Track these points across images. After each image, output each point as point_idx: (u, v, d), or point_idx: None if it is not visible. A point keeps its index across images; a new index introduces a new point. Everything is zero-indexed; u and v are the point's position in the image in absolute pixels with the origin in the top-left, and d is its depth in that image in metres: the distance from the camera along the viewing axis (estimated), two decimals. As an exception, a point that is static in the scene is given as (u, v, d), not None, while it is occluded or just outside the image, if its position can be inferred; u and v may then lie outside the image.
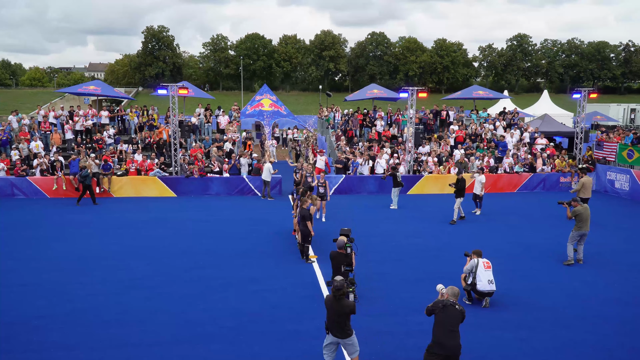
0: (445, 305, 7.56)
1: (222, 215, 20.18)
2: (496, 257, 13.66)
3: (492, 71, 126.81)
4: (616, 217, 20.59)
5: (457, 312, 7.53)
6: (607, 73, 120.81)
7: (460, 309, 7.58)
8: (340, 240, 10.88)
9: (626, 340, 9.61)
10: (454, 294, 7.83)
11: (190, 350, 9.06)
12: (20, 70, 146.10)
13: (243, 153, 25.31)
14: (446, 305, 7.55)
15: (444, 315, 7.50)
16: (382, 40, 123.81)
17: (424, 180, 25.10)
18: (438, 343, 7.44)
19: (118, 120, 29.75)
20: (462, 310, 7.59)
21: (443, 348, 7.39)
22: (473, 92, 35.49)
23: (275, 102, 29.99)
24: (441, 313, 7.53)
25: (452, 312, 7.50)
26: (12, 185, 23.23)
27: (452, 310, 7.51)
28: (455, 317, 7.50)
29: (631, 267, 14.04)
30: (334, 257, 10.84)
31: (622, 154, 25.62)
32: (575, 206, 14.32)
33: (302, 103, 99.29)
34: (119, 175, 23.91)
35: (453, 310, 7.51)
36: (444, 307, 7.54)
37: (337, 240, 10.93)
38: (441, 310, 7.54)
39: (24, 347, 9.12)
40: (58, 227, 17.92)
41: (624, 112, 58.77)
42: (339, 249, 10.83)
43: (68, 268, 13.46)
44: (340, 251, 10.80)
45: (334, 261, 10.81)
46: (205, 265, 13.79)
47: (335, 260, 10.79)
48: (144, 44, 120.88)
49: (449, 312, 7.50)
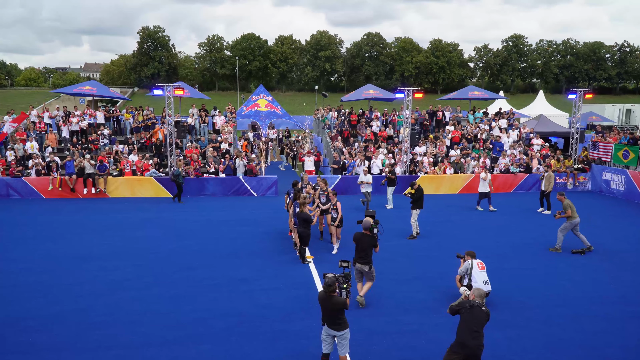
0: (472, 305, 7.58)
1: (217, 215, 20.15)
2: (487, 257, 13.67)
3: (488, 72, 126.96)
4: (611, 217, 20.63)
5: (484, 313, 7.56)
6: (603, 73, 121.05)
7: (487, 311, 7.62)
8: (366, 221, 10.79)
9: (615, 339, 9.63)
10: (480, 296, 7.85)
11: (181, 351, 9.04)
12: (15, 70, 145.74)
13: (239, 154, 25.29)
14: (473, 306, 7.57)
15: (470, 315, 7.52)
16: (378, 41, 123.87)
17: (420, 180, 25.07)
18: (460, 343, 7.45)
19: (113, 121, 29.71)
20: (487, 312, 7.64)
21: (464, 348, 7.39)
22: (469, 93, 35.56)
23: (271, 103, 29.97)
24: (467, 313, 7.54)
25: (478, 313, 7.52)
26: (7, 185, 23.17)
27: (478, 311, 7.54)
28: (480, 318, 7.52)
29: (622, 266, 14.07)
30: (359, 238, 10.76)
31: (618, 155, 25.66)
32: (564, 200, 15.06)
33: (298, 103, 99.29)
34: (114, 175, 23.88)
35: (479, 312, 7.54)
36: (471, 307, 7.57)
37: (363, 221, 10.84)
38: (468, 311, 7.56)
39: (13, 348, 9.09)
40: (51, 228, 17.87)
41: (620, 113, 58.92)
42: (365, 230, 10.74)
43: (58, 269, 13.42)
44: (366, 232, 10.71)
45: (359, 243, 10.73)
46: (197, 266, 13.76)
47: (360, 242, 10.71)
48: (139, 44, 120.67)
49: (475, 313, 7.52)
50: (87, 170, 23.22)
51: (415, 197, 16.69)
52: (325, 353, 8.05)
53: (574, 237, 15.48)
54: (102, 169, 23.47)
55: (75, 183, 23.29)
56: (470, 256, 11.13)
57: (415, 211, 16.80)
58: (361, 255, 10.76)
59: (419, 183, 17.13)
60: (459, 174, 25.79)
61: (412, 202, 16.83)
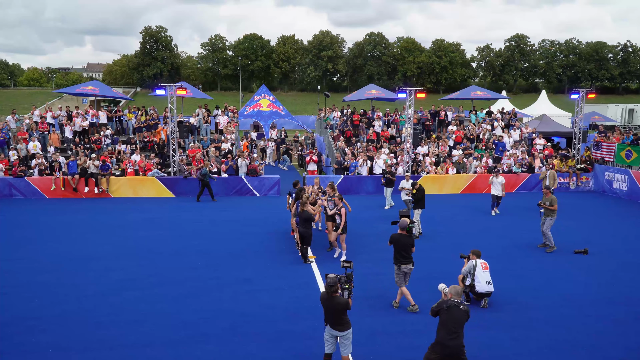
0: (449, 306, 7.52)
1: (219, 215, 20.16)
2: (490, 257, 13.66)
3: (490, 71, 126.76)
4: (614, 217, 20.61)
5: (462, 312, 7.50)
6: (605, 73, 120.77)
7: (465, 309, 7.56)
8: (403, 221, 10.62)
9: (619, 340, 9.62)
10: (457, 293, 7.76)
11: (185, 351, 9.05)
12: (18, 70, 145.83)
13: (241, 154, 25.30)
14: (450, 306, 7.51)
15: (448, 316, 7.48)
16: (380, 41, 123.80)
17: (422, 180, 25.06)
18: (440, 343, 7.42)
19: (116, 121, 29.74)
20: (466, 310, 7.58)
21: (445, 348, 7.38)
22: (471, 93, 35.55)
23: (274, 103, 30.01)
24: (445, 314, 7.50)
25: (456, 313, 7.47)
26: (10, 185, 23.21)
27: (456, 310, 7.48)
28: (459, 318, 7.47)
29: (625, 266, 14.05)
30: (398, 239, 10.56)
31: (621, 154, 25.62)
32: (549, 194, 15.18)
33: (301, 103, 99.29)
34: (117, 175, 23.91)
35: (457, 311, 7.48)
36: (449, 307, 7.51)
37: (400, 222, 10.68)
38: (445, 311, 7.51)
39: (18, 347, 9.11)
40: (54, 228, 17.90)
41: (622, 113, 58.78)
42: (402, 230, 10.57)
43: (62, 269, 13.45)
44: (403, 232, 10.56)
45: (398, 244, 10.54)
46: (200, 266, 13.78)
47: (399, 243, 10.52)
48: (142, 44, 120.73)
49: (454, 313, 7.47)
50: (89, 170, 23.26)
51: (417, 197, 16.69)
52: (327, 353, 8.05)
53: (577, 235, 15.42)
54: (104, 168, 23.50)
55: (77, 183, 23.32)
56: (475, 255, 11.13)
57: (417, 211, 16.82)
58: (403, 255, 10.56)
59: (420, 183, 17.11)
60: (462, 174, 25.77)
61: (413, 202, 16.84)
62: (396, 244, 10.60)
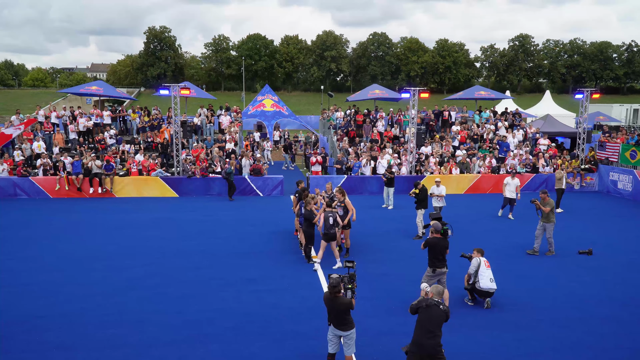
0: (429, 305, 7.44)
1: (223, 215, 20.19)
2: (495, 258, 13.66)
3: (494, 71, 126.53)
4: (618, 217, 20.54)
5: (441, 312, 7.41)
6: (610, 73, 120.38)
7: (445, 309, 7.46)
8: (437, 224, 10.48)
9: (624, 341, 9.58)
10: (439, 293, 7.68)
11: (189, 351, 9.05)
12: (22, 70, 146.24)
13: (245, 154, 25.32)
14: (430, 305, 7.43)
15: (426, 314, 7.40)
16: (384, 41, 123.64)
17: (426, 180, 25.02)
18: (416, 343, 7.36)
19: (120, 121, 29.80)
20: (446, 310, 7.48)
21: (421, 348, 7.31)
22: (475, 93, 35.47)
23: (277, 103, 29.99)
24: (424, 312, 7.42)
25: (435, 312, 7.38)
26: (14, 185, 23.28)
27: (435, 310, 7.40)
28: (438, 317, 7.37)
29: (630, 267, 14.00)
30: (436, 242, 10.37)
31: (625, 155, 25.54)
32: (547, 199, 14.90)
33: (304, 103, 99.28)
34: (121, 175, 23.96)
35: (437, 310, 7.40)
36: (428, 306, 7.43)
37: (433, 224, 10.52)
38: (424, 310, 7.43)
39: (22, 347, 9.13)
40: (58, 228, 17.95)
41: (627, 113, 58.55)
42: (436, 233, 10.44)
43: (67, 268, 13.48)
44: (437, 235, 10.43)
45: (435, 247, 10.36)
46: (204, 266, 13.79)
47: (437, 247, 10.34)
48: (146, 45, 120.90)
49: (432, 312, 7.38)
50: (93, 170, 23.32)
51: (420, 197, 16.64)
52: (331, 353, 8.04)
53: (582, 236, 15.38)
54: (108, 168, 23.55)
55: (81, 183, 23.37)
56: (479, 253, 11.07)
57: (420, 211, 16.78)
58: (439, 259, 10.40)
59: (423, 183, 17.07)
60: (465, 174, 25.73)
61: (416, 202, 16.78)
62: (433, 248, 10.40)
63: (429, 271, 10.52)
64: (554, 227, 14.96)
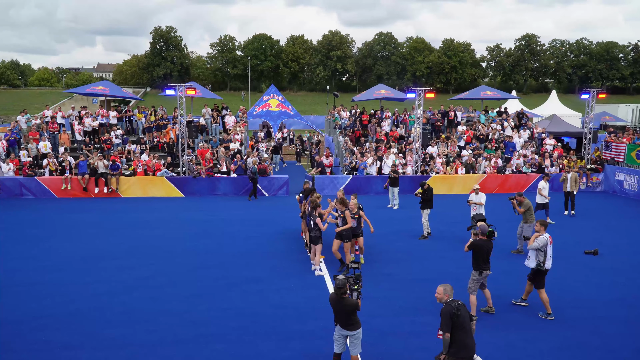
0: (458, 307, 7.06)
1: (228, 215, 20.22)
2: (502, 258, 13.65)
3: (500, 71, 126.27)
4: (624, 217, 20.47)
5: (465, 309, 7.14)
6: (616, 73, 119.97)
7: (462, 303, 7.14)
8: (484, 226, 10.29)
9: (630, 342, 9.53)
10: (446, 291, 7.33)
11: (195, 350, 9.06)
12: (28, 70, 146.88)
13: (250, 153, 25.35)
14: (459, 307, 7.07)
15: (461, 317, 7.04)
16: (390, 41, 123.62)
17: (432, 180, 25.00)
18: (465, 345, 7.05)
19: (126, 121, 29.88)
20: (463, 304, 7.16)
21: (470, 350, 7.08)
22: (481, 93, 35.44)
23: (283, 103, 29.96)
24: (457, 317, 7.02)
25: (463, 311, 7.06)
26: (20, 185, 23.37)
27: (463, 309, 7.08)
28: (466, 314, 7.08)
29: (636, 267, 13.94)
30: (482, 245, 10.13)
31: (631, 155, 25.45)
32: (524, 201, 14.78)
33: (310, 103, 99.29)
34: (126, 175, 24.02)
35: (463, 309, 7.09)
36: (458, 308, 7.06)
37: (480, 226, 10.31)
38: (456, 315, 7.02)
39: (29, 346, 9.16)
40: (64, 227, 18.02)
41: (633, 113, 58.23)
42: (482, 236, 10.24)
43: (73, 268, 13.53)
44: (483, 237, 10.24)
45: (481, 250, 10.12)
46: (210, 265, 13.81)
47: (483, 249, 10.13)
48: (152, 45, 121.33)
49: (463, 312, 7.05)
50: (99, 170, 23.39)
51: (425, 198, 16.60)
52: (337, 353, 8.04)
53: (587, 236, 15.31)
54: (114, 168, 23.62)
55: (87, 183, 23.44)
56: (543, 227, 10.44)
57: (426, 211, 16.76)
58: (485, 261, 10.21)
59: (429, 183, 17.03)
60: (471, 174, 25.68)
61: (421, 202, 16.74)
62: (480, 250, 10.17)
63: (476, 274, 10.25)
64: (531, 229, 14.45)
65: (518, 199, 14.87)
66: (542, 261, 10.36)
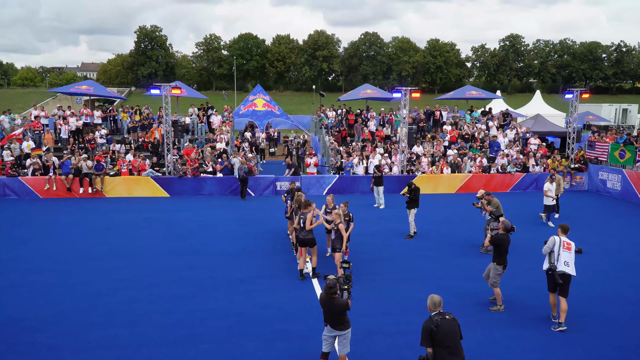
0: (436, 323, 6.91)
1: (214, 215, 20.14)
2: (486, 256, 13.71)
3: (485, 71, 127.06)
4: (608, 216, 20.70)
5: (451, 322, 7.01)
6: (599, 73, 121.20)
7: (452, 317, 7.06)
8: (507, 222, 10.75)
9: (615, 339, 9.65)
10: (435, 303, 7.14)
11: (180, 351, 9.03)
12: (12, 70, 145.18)
13: (236, 153, 25.27)
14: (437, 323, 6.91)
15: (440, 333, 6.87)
16: (376, 41, 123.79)
17: (418, 180, 25.08)
18: None
19: (110, 121, 29.65)
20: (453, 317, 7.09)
21: None
22: (466, 92, 35.68)
23: (269, 102, 29.95)
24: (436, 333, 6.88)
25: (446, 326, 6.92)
26: (3, 185, 23.09)
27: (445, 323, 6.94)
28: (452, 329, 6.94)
29: (620, 265, 14.12)
30: (505, 240, 10.64)
31: (614, 154, 25.74)
32: (492, 200, 14.74)
33: (296, 103, 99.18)
34: (111, 175, 23.84)
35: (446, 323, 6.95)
36: (436, 325, 6.89)
37: (503, 222, 10.78)
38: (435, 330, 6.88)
39: (12, 348, 9.06)
40: (48, 228, 17.84)
41: (616, 112, 58.95)
42: (504, 231, 10.68)
43: (56, 269, 13.39)
44: (504, 232, 10.67)
45: (504, 244, 10.62)
46: (195, 266, 13.74)
47: (505, 244, 10.63)
48: (136, 44, 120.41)
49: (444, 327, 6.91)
50: (83, 170, 23.19)
51: (412, 197, 16.63)
52: (325, 352, 8.05)
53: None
54: (99, 168, 23.43)
55: (71, 183, 23.23)
56: (562, 231, 10.42)
57: (413, 210, 16.78)
58: (505, 256, 10.74)
59: (415, 183, 17.08)
60: (457, 174, 25.81)
61: (408, 201, 16.78)
62: (503, 245, 10.60)
63: (499, 269, 10.66)
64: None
65: (487, 198, 14.84)
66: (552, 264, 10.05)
